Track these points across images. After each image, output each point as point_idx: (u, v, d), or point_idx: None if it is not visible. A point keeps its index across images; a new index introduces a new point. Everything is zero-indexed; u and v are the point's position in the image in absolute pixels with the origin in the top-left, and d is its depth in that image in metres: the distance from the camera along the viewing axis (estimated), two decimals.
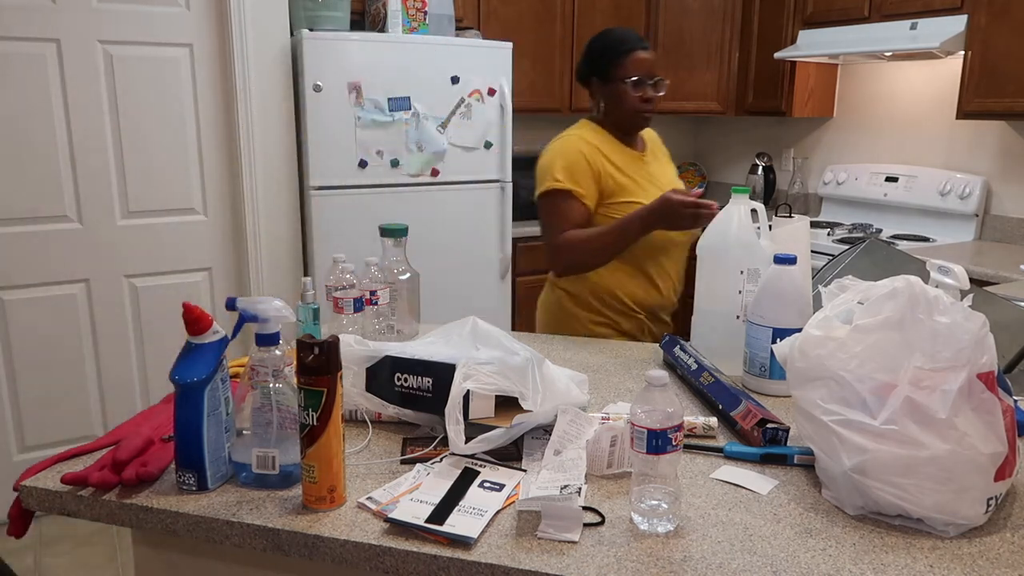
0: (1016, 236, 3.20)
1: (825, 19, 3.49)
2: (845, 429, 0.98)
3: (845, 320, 1.06)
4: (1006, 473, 0.98)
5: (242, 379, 1.09)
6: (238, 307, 1.09)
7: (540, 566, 0.90)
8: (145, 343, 2.97)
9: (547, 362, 1.31)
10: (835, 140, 3.94)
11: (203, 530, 1.02)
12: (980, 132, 3.30)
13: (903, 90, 3.59)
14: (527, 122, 4.05)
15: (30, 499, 1.10)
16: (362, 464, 1.15)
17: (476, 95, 3.16)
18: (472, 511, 1.00)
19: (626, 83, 1.90)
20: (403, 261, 1.68)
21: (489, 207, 3.28)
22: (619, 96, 1.92)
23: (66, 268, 2.79)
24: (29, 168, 2.66)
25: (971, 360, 0.96)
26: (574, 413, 1.19)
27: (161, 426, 1.21)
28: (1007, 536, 0.97)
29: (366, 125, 2.97)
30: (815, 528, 0.99)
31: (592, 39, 2.00)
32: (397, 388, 1.25)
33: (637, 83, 1.90)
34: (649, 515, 0.97)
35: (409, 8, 3.06)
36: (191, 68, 2.85)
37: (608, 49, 1.93)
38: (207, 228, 3.00)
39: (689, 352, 1.51)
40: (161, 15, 2.77)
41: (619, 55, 1.91)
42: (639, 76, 1.89)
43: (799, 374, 1.07)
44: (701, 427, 1.25)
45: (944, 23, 2.99)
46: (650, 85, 1.91)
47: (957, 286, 1.26)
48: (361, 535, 0.97)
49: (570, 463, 1.10)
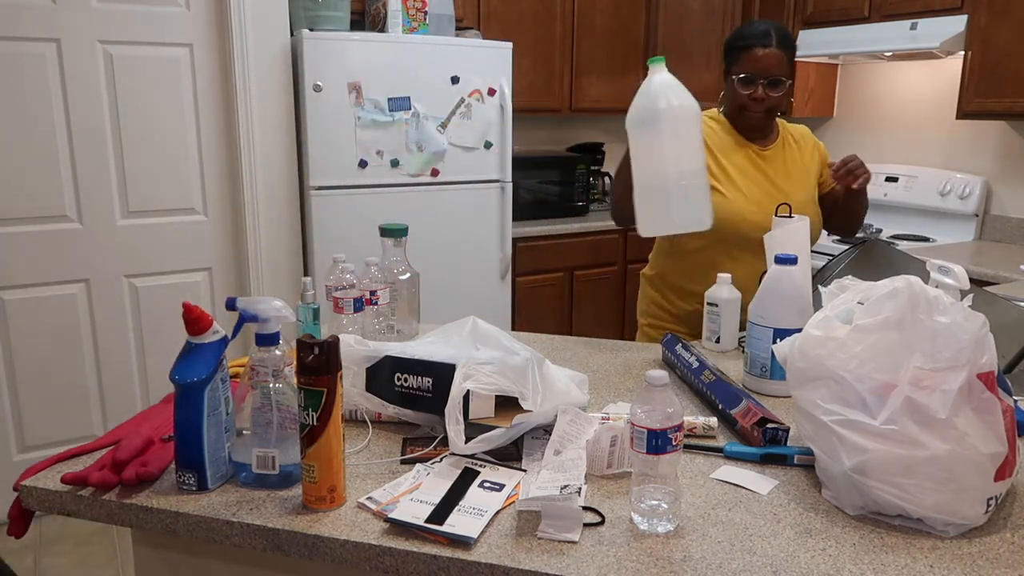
0: (1016, 236, 3.20)
1: (825, 19, 3.49)
2: (845, 429, 0.98)
3: (845, 320, 1.05)
4: (1006, 473, 0.98)
5: (242, 379, 1.09)
6: (238, 307, 1.09)
7: (540, 566, 0.90)
8: (145, 343, 2.97)
9: (547, 362, 1.31)
10: (835, 140, 3.94)
11: (203, 530, 1.02)
12: (980, 132, 3.30)
13: (903, 90, 3.59)
14: (527, 122, 4.05)
15: (30, 499, 1.10)
16: (362, 464, 1.15)
17: (476, 95, 3.16)
18: (472, 511, 1.00)
19: (736, 79, 1.86)
20: (403, 261, 1.68)
21: (489, 207, 3.28)
22: (729, 91, 1.89)
23: (66, 268, 2.78)
24: (29, 168, 2.66)
25: (971, 360, 0.96)
26: (574, 413, 1.19)
27: (161, 426, 1.21)
28: (1007, 536, 0.97)
29: (366, 125, 2.97)
30: (815, 528, 0.99)
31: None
32: (397, 388, 1.25)
33: (745, 80, 1.84)
34: (649, 515, 0.97)
35: (409, 8, 3.06)
36: (191, 68, 2.85)
37: (729, 44, 1.90)
38: (207, 228, 2.99)
39: (690, 351, 1.51)
40: (161, 15, 2.77)
41: (736, 50, 1.86)
42: (748, 74, 1.83)
43: (799, 374, 1.06)
44: (701, 427, 1.25)
45: (944, 23, 2.99)
46: (762, 84, 1.83)
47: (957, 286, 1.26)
48: (361, 535, 0.97)
49: (570, 463, 1.10)
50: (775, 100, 1.85)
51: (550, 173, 3.79)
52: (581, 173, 3.85)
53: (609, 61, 3.94)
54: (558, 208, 3.81)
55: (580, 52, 3.85)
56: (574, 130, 4.29)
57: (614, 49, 3.94)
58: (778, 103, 1.86)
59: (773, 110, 1.88)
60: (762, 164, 1.92)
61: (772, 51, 1.82)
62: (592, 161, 3.98)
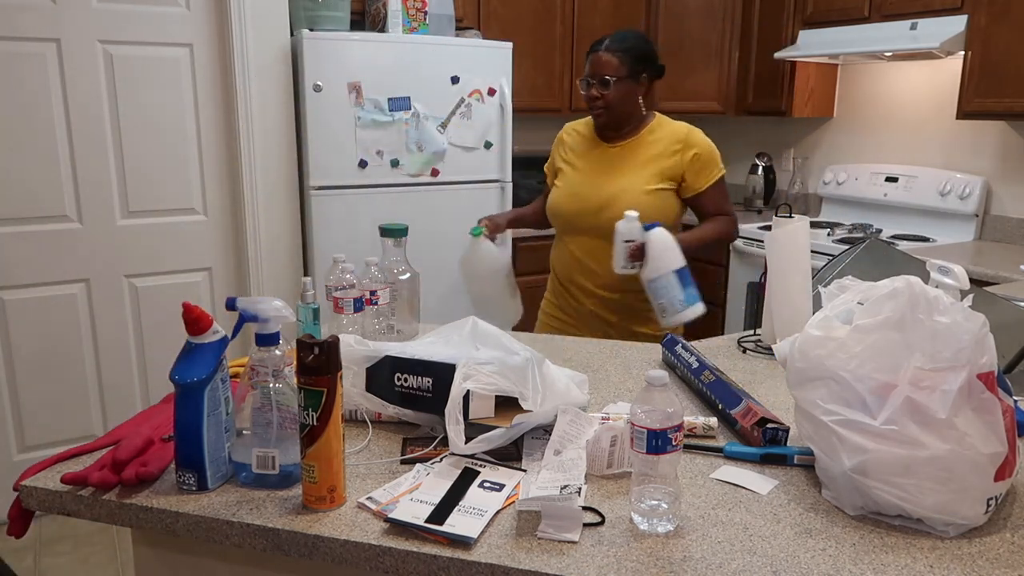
0: (1016, 236, 3.20)
1: (825, 19, 3.49)
2: (845, 429, 0.98)
3: (845, 320, 1.05)
4: (1006, 473, 0.98)
5: (242, 379, 1.09)
6: (238, 307, 1.09)
7: (540, 566, 0.90)
8: (145, 343, 2.97)
9: (547, 362, 1.31)
10: (835, 140, 3.94)
11: (203, 530, 1.02)
12: (980, 132, 3.30)
13: (903, 90, 3.59)
14: (527, 122, 4.05)
15: (30, 499, 1.10)
16: (362, 464, 1.15)
17: (476, 95, 3.16)
18: (472, 511, 1.00)
19: (581, 82, 2.08)
20: (403, 261, 1.68)
21: (489, 207, 3.28)
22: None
23: (66, 268, 2.78)
24: (29, 168, 2.66)
25: (971, 360, 0.96)
26: (574, 413, 1.19)
27: (161, 426, 1.20)
28: (1007, 536, 0.97)
29: (366, 125, 2.97)
30: (815, 528, 0.99)
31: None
32: (397, 388, 1.25)
33: (583, 83, 2.06)
34: (649, 515, 0.97)
35: (409, 8, 3.06)
36: (191, 68, 2.85)
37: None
38: (207, 228, 3.00)
39: (690, 351, 1.51)
40: (161, 15, 2.77)
41: (586, 57, 2.07)
42: (584, 77, 2.05)
43: (799, 374, 1.06)
44: (701, 427, 1.25)
45: (944, 23, 2.99)
46: (595, 84, 2.01)
47: (957, 286, 1.26)
48: (361, 535, 0.97)
49: (570, 463, 1.10)
50: (608, 98, 2.00)
51: None
52: None
53: None
54: None
55: (580, 52, 3.85)
56: None
57: None
58: (612, 101, 2.01)
59: (612, 108, 2.01)
60: (605, 159, 2.08)
61: (601, 54, 2.01)
62: None
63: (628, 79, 2.00)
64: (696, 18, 3.97)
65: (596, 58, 2.02)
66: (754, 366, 1.60)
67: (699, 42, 4.00)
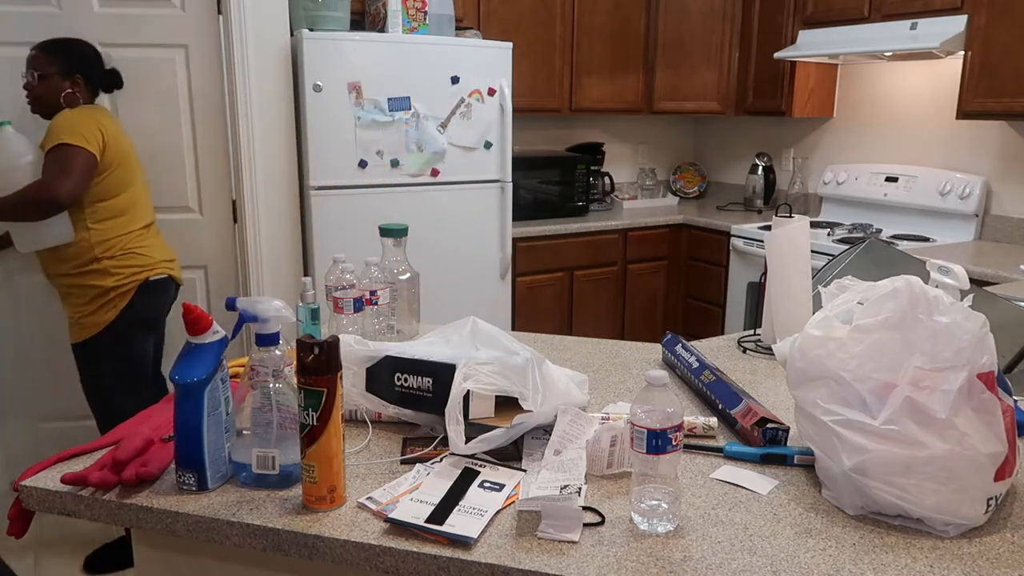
0: (1016, 236, 3.20)
1: (825, 19, 3.49)
2: (845, 429, 0.99)
3: (845, 320, 1.06)
4: (1006, 473, 0.98)
5: (242, 379, 1.09)
6: (238, 307, 1.09)
7: (540, 566, 0.90)
8: None
9: (547, 362, 1.31)
10: (835, 140, 3.94)
11: (203, 530, 1.02)
12: (980, 132, 3.30)
13: (903, 90, 3.59)
14: (527, 122, 4.05)
15: (30, 499, 1.10)
16: (362, 464, 1.15)
17: (476, 95, 3.15)
18: (472, 511, 1.00)
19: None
20: (403, 261, 1.68)
21: (489, 207, 3.28)
22: None
23: None
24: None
25: (971, 360, 0.96)
26: (574, 413, 1.19)
27: (161, 426, 1.21)
28: (1007, 536, 0.97)
29: (366, 125, 2.97)
30: (815, 528, 0.99)
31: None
32: (397, 388, 1.25)
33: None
34: (649, 515, 0.97)
35: (409, 8, 3.06)
36: (189, 68, 2.84)
37: None
38: (202, 226, 2.99)
39: (690, 351, 1.51)
40: (161, 16, 2.76)
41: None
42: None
43: (799, 374, 1.07)
44: (701, 427, 1.25)
45: (944, 23, 2.99)
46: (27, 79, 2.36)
47: (957, 286, 1.26)
48: (361, 535, 0.97)
49: (570, 463, 1.10)
50: (33, 90, 2.34)
51: (550, 173, 3.79)
52: (581, 173, 3.85)
53: (609, 61, 3.94)
54: (558, 208, 3.81)
55: (580, 52, 3.85)
56: (574, 130, 4.29)
57: (614, 49, 3.94)
58: (33, 95, 2.34)
59: (35, 101, 2.36)
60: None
61: (32, 51, 2.33)
62: (592, 161, 3.98)
63: (49, 75, 2.33)
64: (696, 18, 3.97)
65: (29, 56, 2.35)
66: (754, 366, 1.60)
67: (699, 42, 4.00)
